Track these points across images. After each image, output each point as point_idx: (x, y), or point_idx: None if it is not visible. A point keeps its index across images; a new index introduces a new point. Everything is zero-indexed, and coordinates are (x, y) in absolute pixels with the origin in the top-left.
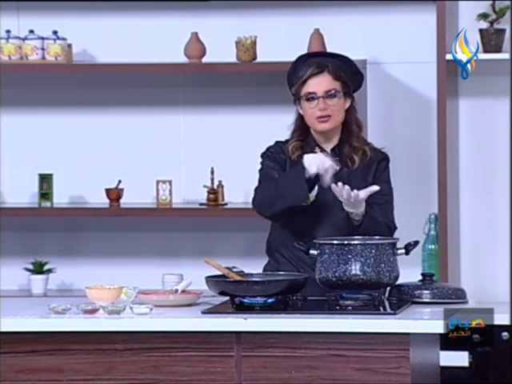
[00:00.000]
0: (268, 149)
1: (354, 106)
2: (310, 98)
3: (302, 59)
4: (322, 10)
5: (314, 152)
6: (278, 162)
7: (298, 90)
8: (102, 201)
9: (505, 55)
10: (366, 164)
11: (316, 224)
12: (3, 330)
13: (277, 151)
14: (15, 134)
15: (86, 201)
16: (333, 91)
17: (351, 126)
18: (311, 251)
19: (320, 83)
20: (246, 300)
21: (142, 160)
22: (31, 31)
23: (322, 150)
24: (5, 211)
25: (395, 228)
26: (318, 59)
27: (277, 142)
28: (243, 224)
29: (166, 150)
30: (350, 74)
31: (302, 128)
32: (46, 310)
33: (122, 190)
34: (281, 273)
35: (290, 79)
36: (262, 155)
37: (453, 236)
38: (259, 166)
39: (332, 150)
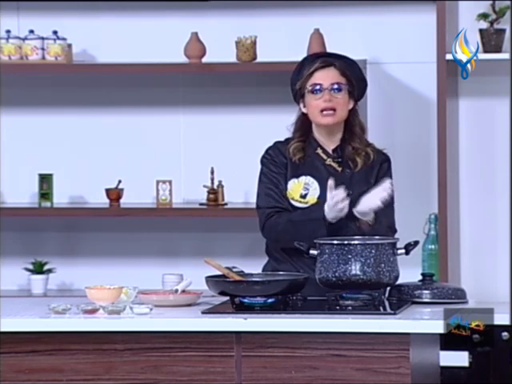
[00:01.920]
0: (267, 151)
1: (356, 110)
2: (316, 89)
3: (308, 59)
4: (322, 9)
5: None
6: (278, 166)
7: (303, 83)
8: (102, 201)
9: (505, 55)
10: (368, 166)
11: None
12: (3, 330)
13: (276, 154)
14: (15, 134)
15: (86, 201)
16: (339, 85)
17: (354, 128)
18: (311, 251)
19: (327, 76)
20: (246, 300)
21: (142, 160)
22: (31, 31)
23: (324, 151)
24: (5, 211)
25: (395, 231)
26: (325, 58)
27: (275, 143)
28: (243, 224)
29: (166, 150)
30: (355, 78)
31: (303, 128)
32: (46, 310)
33: (122, 190)
34: (281, 273)
35: (294, 78)
36: (262, 160)
37: (453, 236)
38: (259, 172)
39: (334, 150)
